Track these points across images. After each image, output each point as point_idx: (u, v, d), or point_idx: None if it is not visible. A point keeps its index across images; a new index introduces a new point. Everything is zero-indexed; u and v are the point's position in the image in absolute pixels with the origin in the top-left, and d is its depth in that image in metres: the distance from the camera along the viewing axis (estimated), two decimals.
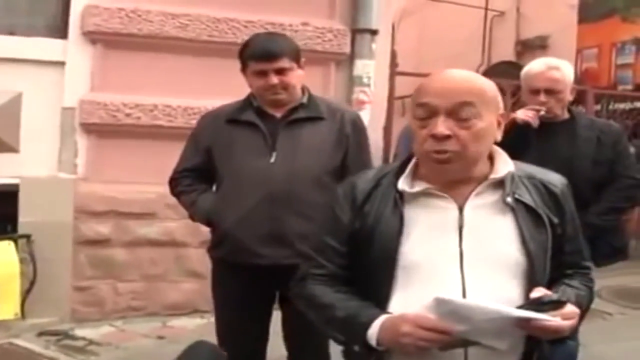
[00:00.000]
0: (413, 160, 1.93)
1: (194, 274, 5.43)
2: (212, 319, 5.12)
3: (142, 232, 5.37)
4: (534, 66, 3.71)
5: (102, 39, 5.30)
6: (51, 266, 5.06)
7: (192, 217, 3.28)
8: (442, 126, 1.76)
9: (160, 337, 5.07)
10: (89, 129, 5.31)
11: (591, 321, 5.46)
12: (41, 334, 4.94)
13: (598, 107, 9.30)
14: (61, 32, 5.29)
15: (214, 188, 3.24)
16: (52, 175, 5.27)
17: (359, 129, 3.23)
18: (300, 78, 3.11)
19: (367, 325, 1.78)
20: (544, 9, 11.65)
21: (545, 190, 1.93)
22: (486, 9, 13.01)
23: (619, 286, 6.71)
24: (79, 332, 5.05)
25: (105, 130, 5.33)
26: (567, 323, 1.71)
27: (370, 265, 1.87)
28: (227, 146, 3.08)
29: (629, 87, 10.26)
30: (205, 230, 5.27)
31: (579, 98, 6.67)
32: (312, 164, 3.02)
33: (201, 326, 5.08)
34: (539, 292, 1.74)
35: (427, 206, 1.86)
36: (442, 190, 1.85)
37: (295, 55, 3.09)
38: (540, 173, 1.99)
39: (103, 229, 5.28)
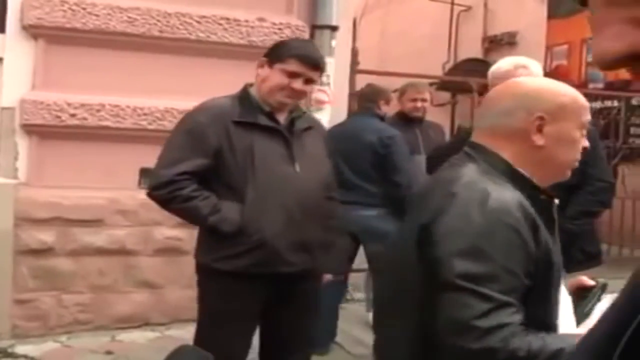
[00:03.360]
0: (522, 171, 2.00)
1: (145, 284, 5.43)
2: (166, 332, 5.24)
3: (88, 240, 5.29)
4: (502, 65, 3.78)
5: (44, 34, 5.23)
6: None
7: (207, 225, 3.13)
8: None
9: (109, 353, 5.01)
10: (31, 130, 5.24)
11: None
12: None
13: None
14: None
15: None
16: None
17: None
18: None
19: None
20: (512, 4, 11.84)
21: None
22: (452, 3, 13.17)
23: None
24: (20, 349, 4.96)
25: (48, 131, 5.27)
26: None
27: (546, 292, 1.92)
28: (245, 150, 3.09)
29: (600, 85, 10.47)
30: (160, 238, 5.35)
31: None
32: (324, 173, 3.32)
33: (153, 340, 5.06)
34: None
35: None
36: None
37: None
38: None
39: (46, 237, 5.20)
